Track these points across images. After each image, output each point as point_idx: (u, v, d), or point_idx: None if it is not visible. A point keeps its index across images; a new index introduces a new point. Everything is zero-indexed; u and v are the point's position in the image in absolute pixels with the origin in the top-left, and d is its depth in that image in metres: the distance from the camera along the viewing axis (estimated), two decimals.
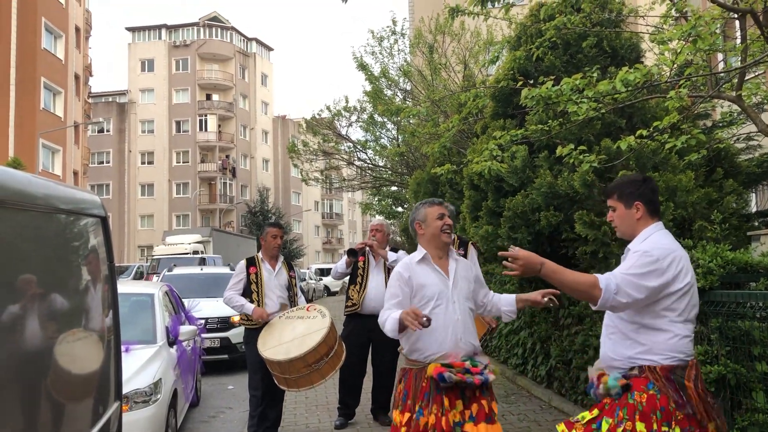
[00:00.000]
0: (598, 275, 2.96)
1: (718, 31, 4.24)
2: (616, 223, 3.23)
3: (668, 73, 4.77)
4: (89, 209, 2.87)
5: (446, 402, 3.41)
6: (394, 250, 6.56)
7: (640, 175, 3.72)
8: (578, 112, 4.22)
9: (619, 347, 3.03)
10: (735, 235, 6.02)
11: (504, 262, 3.07)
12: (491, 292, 3.92)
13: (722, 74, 5.70)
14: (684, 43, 3.93)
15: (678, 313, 2.97)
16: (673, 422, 2.84)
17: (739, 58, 6.03)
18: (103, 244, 3.03)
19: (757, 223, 7.45)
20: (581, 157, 4.71)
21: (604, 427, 2.89)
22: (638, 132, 4.65)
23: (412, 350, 3.54)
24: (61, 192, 2.62)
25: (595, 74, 4.46)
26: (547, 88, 4.37)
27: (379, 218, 7.65)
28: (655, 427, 2.82)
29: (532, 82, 5.80)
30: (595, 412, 2.98)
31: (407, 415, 3.46)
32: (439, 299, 3.57)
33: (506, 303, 3.78)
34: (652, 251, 2.98)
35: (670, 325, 2.96)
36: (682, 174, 6.06)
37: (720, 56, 7.94)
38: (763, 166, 7.46)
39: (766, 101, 7.11)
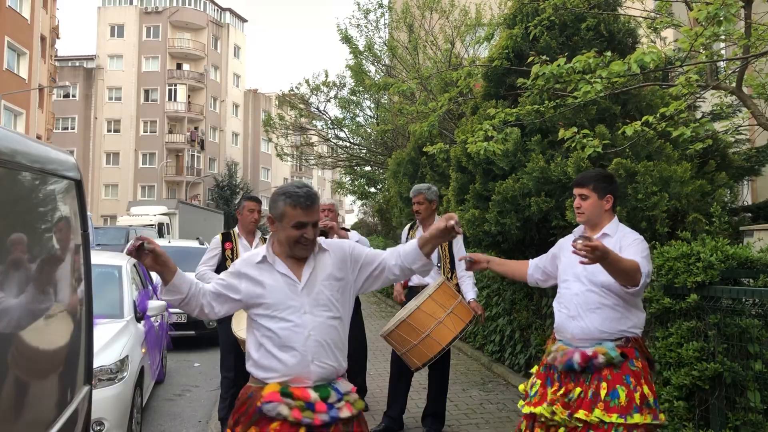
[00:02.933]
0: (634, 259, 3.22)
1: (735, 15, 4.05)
2: (586, 210, 3.50)
3: (676, 58, 4.58)
4: (62, 170, 2.56)
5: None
6: (345, 229, 6.29)
7: (605, 170, 4.11)
8: (591, 92, 4.01)
9: (610, 322, 3.35)
10: (726, 230, 5.91)
11: (578, 251, 2.91)
12: (385, 254, 2.91)
13: (724, 62, 5.55)
14: (703, 26, 3.73)
15: None
16: (653, 382, 3.41)
17: (733, 46, 5.89)
18: (76, 209, 2.72)
19: (737, 218, 7.39)
20: (584, 141, 4.50)
21: (622, 395, 3.21)
22: (644, 118, 4.45)
23: (257, 365, 2.73)
24: (30, 148, 2.31)
25: (608, 53, 4.24)
26: (558, 65, 4.14)
27: (328, 198, 7.15)
28: (653, 387, 3.33)
29: (518, 62, 5.58)
30: (604, 385, 3.24)
31: None
32: (284, 310, 2.71)
33: (412, 258, 2.80)
34: (641, 238, 3.44)
35: (640, 302, 3.51)
36: (677, 165, 5.91)
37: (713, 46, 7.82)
38: (750, 161, 7.39)
39: (757, 95, 7.01)
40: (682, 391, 4.40)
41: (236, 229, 5.95)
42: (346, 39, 16.01)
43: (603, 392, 3.22)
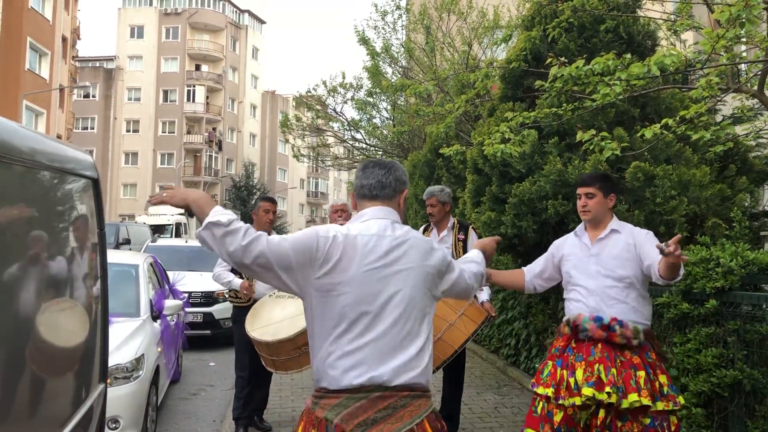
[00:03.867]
0: None
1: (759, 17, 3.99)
2: (592, 208, 3.63)
3: (697, 60, 4.52)
4: (80, 169, 2.57)
5: None
6: None
7: (606, 172, 4.31)
8: (611, 94, 3.97)
9: (626, 314, 3.47)
10: (747, 235, 5.83)
11: (674, 252, 3.00)
12: None
13: (745, 65, 5.48)
14: (725, 28, 3.68)
15: None
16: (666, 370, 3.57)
17: (754, 49, 5.80)
18: (93, 208, 2.73)
19: (758, 223, 7.27)
20: (603, 143, 4.46)
21: (642, 382, 3.37)
22: (663, 121, 4.40)
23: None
24: (49, 147, 2.33)
25: (628, 55, 4.20)
26: (577, 67, 4.10)
27: (342, 198, 7.05)
28: (668, 374, 3.51)
29: (535, 64, 5.53)
30: (641, 374, 3.39)
31: None
32: None
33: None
34: (651, 233, 3.62)
35: (648, 294, 3.64)
36: (696, 168, 5.83)
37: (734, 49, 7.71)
38: None
39: None
40: (701, 398, 4.34)
41: None
42: (364, 41, 16.00)
43: (642, 380, 3.37)
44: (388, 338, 2.21)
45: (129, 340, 5.47)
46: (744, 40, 5.38)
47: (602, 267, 3.55)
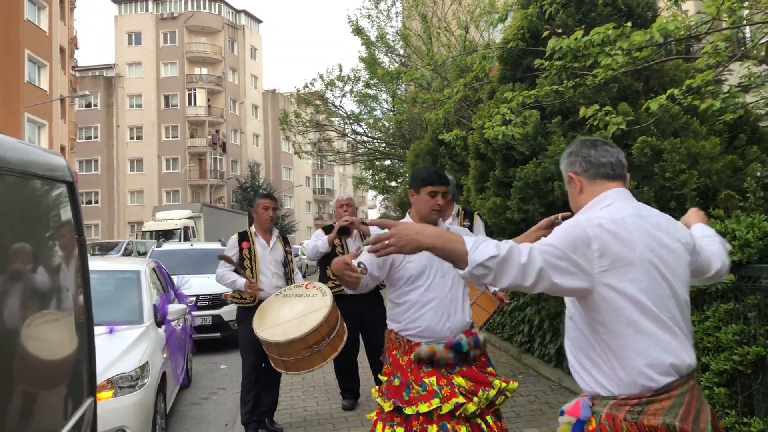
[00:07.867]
0: None
1: None
2: (444, 208, 3.49)
3: (702, 23, 4.33)
4: (54, 172, 2.43)
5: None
6: (364, 224, 6.15)
7: None
8: (612, 65, 3.80)
9: (467, 310, 3.50)
10: (762, 205, 5.64)
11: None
12: None
13: (751, 28, 5.28)
14: None
15: None
16: None
17: (759, 13, 5.61)
18: (71, 213, 2.59)
19: None
20: (607, 118, 4.29)
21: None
22: (669, 91, 4.22)
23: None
24: (20, 152, 2.18)
25: (629, 24, 4.02)
26: (575, 39, 3.93)
27: (347, 193, 6.91)
28: None
29: (533, 43, 5.35)
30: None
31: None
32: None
33: None
34: None
35: None
36: (705, 140, 5.65)
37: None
38: None
39: None
40: (723, 377, 4.18)
41: (253, 228, 5.84)
42: (358, 30, 15.76)
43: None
44: (680, 319, 2.12)
45: (132, 347, 5.35)
46: (747, 3, 5.16)
47: (444, 266, 3.34)
